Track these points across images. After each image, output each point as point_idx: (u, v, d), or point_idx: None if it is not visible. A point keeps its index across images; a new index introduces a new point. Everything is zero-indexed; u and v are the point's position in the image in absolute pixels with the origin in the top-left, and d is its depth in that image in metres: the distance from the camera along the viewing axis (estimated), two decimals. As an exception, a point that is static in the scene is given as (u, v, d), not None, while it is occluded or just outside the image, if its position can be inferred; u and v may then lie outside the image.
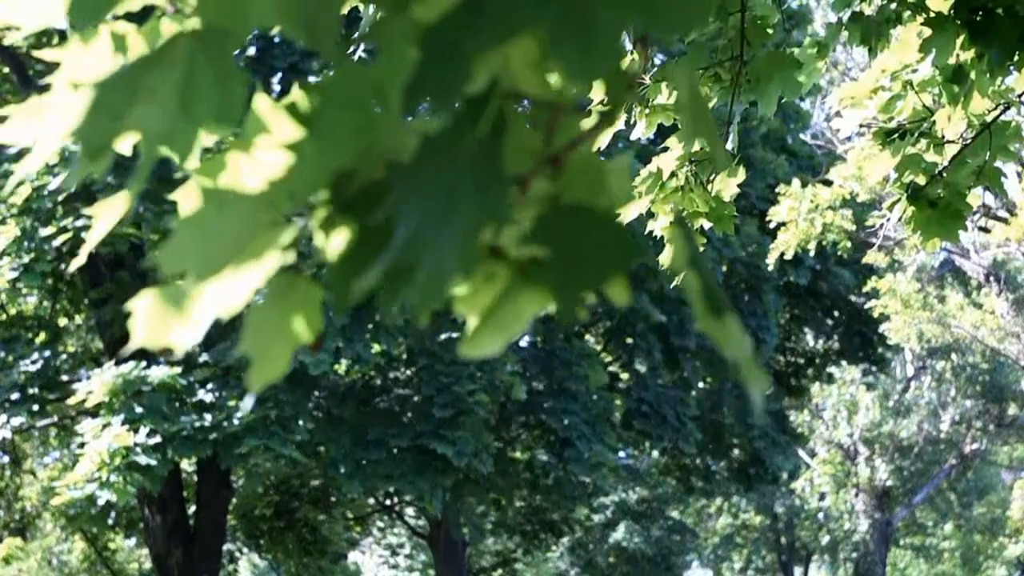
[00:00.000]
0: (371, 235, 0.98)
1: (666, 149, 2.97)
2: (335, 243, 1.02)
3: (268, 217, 1.04)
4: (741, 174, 3.08)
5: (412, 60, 0.94)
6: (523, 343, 14.84)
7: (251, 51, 12.96)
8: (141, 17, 1.18)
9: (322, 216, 1.02)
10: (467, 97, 0.97)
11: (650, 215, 3.07)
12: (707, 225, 3.03)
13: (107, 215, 1.21)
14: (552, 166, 1.04)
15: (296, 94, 1.07)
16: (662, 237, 2.95)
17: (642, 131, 3.03)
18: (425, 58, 0.93)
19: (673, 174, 3.01)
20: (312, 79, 1.25)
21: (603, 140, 3.02)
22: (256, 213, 1.05)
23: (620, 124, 3.00)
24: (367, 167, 1.01)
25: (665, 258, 2.94)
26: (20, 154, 1.23)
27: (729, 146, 2.96)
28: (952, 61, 3.43)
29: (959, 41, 3.34)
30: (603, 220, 0.99)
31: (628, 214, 3.01)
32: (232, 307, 1.06)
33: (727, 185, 3.02)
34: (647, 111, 2.99)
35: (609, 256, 0.97)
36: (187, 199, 1.06)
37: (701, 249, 3.12)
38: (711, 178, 2.94)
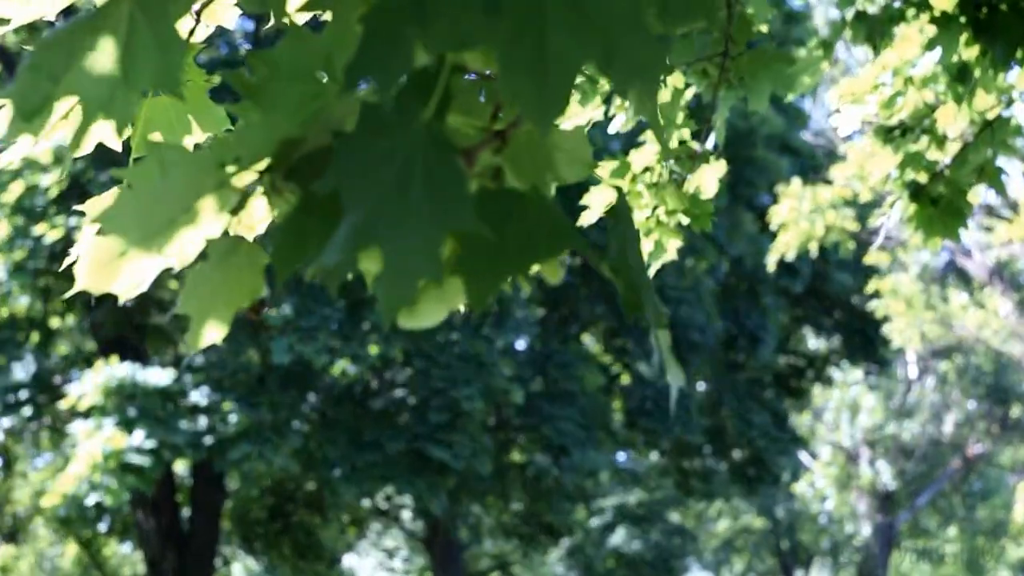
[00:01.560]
0: (315, 204, 0.97)
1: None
2: (279, 210, 1.03)
3: (213, 180, 1.04)
4: (721, 168, 3.00)
5: (358, 34, 0.91)
6: (520, 346, 14.76)
7: (245, 48, 12.86)
8: None
9: (268, 182, 1.03)
10: (414, 72, 0.94)
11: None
12: (685, 221, 2.94)
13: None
14: (498, 140, 1.03)
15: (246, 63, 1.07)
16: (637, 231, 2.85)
17: (621, 124, 2.95)
18: (367, 37, 0.90)
19: (647, 169, 2.93)
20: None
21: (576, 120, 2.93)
22: (200, 175, 1.04)
23: (599, 115, 2.88)
24: (314, 136, 1.01)
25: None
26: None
27: (711, 144, 2.90)
28: (956, 59, 3.44)
29: (963, 38, 3.35)
30: (534, 203, 0.96)
31: (596, 209, 2.93)
32: (179, 260, 1.06)
33: (706, 180, 2.93)
34: (626, 104, 2.91)
35: (538, 241, 0.95)
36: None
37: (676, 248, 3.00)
38: (688, 174, 2.86)
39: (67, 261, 1.24)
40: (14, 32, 9.71)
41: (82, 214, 1.23)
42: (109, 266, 1.05)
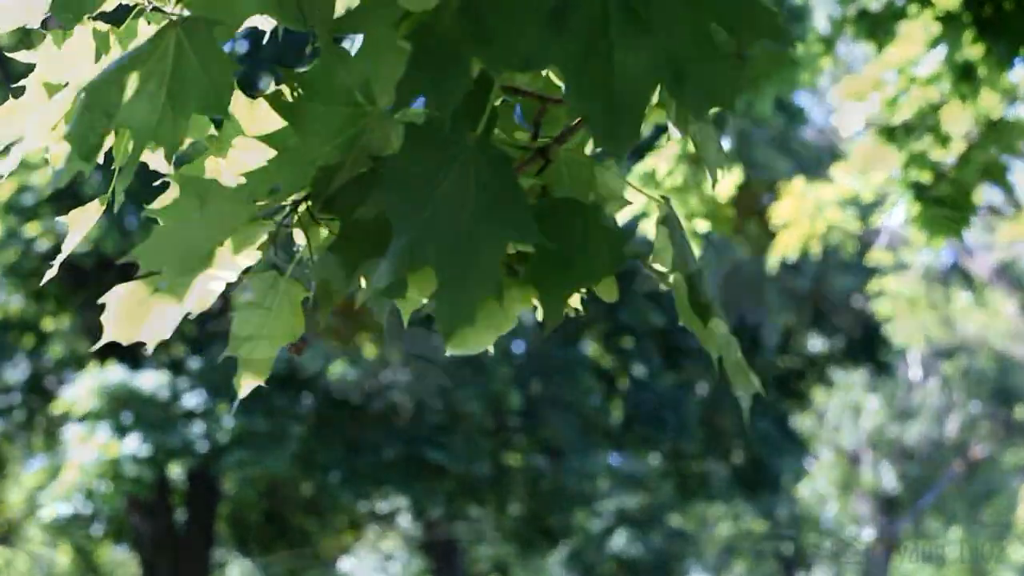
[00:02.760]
0: (355, 233, 0.94)
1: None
2: (318, 241, 1.02)
3: (247, 213, 1.01)
4: (736, 174, 2.95)
5: (399, 50, 0.89)
6: (518, 349, 14.69)
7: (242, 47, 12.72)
8: (115, 17, 1.15)
9: (305, 212, 1.01)
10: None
11: (643, 215, 2.98)
12: (704, 226, 2.88)
13: (82, 223, 1.19)
14: (542, 159, 1.01)
15: (280, 85, 1.03)
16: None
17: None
18: (416, 56, 0.86)
19: (670, 173, 2.86)
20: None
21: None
22: (236, 208, 1.02)
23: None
24: (352, 162, 0.98)
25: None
26: None
27: (727, 146, 2.87)
28: (960, 57, 3.41)
29: (967, 36, 3.31)
30: (592, 217, 0.95)
31: (623, 216, 2.84)
32: (203, 304, 1.04)
33: (723, 183, 2.85)
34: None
35: (599, 254, 0.94)
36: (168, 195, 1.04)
37: (698, 253, 2.97)
38: (706, 177, 2.78)
39: (47, 275, 1.23)
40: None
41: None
42: (135, 314, 1.04)
